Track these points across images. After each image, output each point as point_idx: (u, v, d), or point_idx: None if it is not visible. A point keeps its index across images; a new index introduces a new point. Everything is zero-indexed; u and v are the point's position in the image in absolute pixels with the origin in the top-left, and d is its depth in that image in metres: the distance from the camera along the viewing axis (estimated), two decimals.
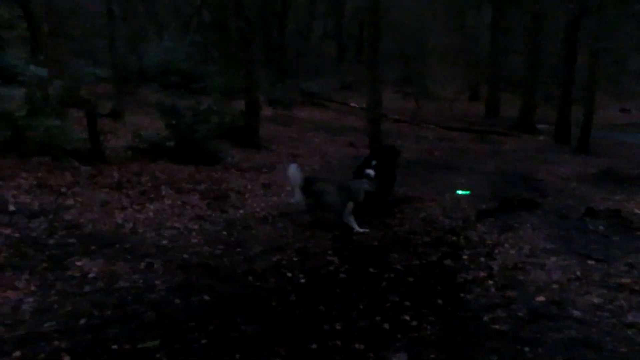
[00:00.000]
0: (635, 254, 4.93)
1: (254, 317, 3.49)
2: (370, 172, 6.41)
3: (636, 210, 6.35)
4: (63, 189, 5.79)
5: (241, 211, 6.11)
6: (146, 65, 15.21)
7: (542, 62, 18.86)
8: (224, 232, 5.30)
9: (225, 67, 16.44)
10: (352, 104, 18.95)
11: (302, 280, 4.23)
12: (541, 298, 4.00)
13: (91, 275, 3.96)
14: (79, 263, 4.14)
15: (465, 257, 5.01)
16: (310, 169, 9.07)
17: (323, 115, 17.53)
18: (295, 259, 4.73)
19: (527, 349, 3.23)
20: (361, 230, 5.65)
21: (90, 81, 11.86)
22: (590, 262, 4.73)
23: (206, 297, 3.71)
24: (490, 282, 4.38)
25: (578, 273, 4.48)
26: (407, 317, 3.65)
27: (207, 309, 3.56)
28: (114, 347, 2.99)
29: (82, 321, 3.26)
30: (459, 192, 7.80)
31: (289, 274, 4.33)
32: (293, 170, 5.86)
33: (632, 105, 24.25)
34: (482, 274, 4.56)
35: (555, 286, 4.22)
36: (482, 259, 4.92)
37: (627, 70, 25.51)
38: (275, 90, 16.66)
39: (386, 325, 3.51)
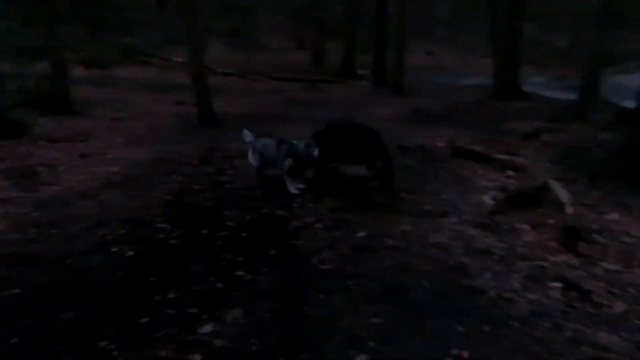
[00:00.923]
0: (436, 182, 5.65)
1: (76, 303, 3.24)
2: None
3: (438, 144, 7.23)
4: None
5: (55, 187, 5.53)
6: None
7: (361, 11, 19.85)
8: (35, 214, 4.75)
9: (25, 23, 14.23)
10: (177, 59, 17.98)
11: (130, 254, 4.02)
12: (362, 233, 4.39)
13: None
14: None
15: (295, 205, 5.23)
16: (137, 133, 8.53)
17: (146, 73, 16.42)
18: (121, 232, 4.45)
19: (350, 282, 3.54)
20: (296, 191, 5.52)
21: None
22: (402, 194, 5.30)
23: (16, 291, 3.34)
24: (319, 225, 4.66)
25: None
26: (241, 273, 3.73)
27: (18, 303, 3.21)
28: None
29: None
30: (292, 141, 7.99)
31: (115, 249, 4.08)
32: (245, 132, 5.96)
33: (436, 48, 27.01)
34: (311, 219, 4.82)
35: (374, 221, 4.66)
36: (311, 205, 5.19)
37: (433, 16, 28.26)
38: (89, 48, 15.00)
39: (220, 285, 3.54)
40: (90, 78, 13.48)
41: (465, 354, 2.70)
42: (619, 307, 3.13)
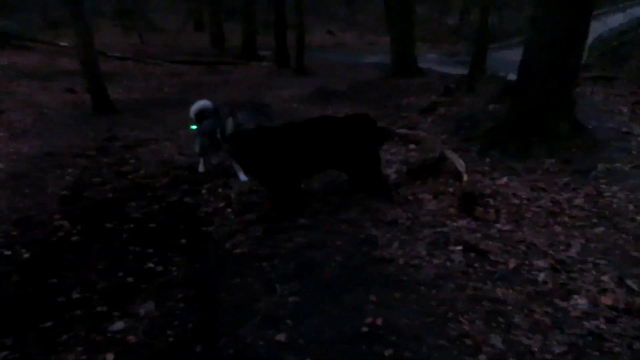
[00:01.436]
0: None
1: None
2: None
3: None
4: None
5: None
6: None
7: None
8: None
9: None
10: (63, 44, 16.59)
11: (26, 256, 3.73)
12: (274, 215, 4.41)
13: None
14: None
15: (204, 191, 5.12)
16: (23, 125, 7.80)
17: (28, 59, 14.95)
18: (14, 233, 4.11)
19: (264, 264, 3.56)
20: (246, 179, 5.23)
21: None
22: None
23: None
24: (229, 210, 4.62)
25: (302, 185, 5.05)
26: (152, 265, 3.61)
27: None
28: None
29: None
30: (194, 127, 7.77)
31: (8, 252, 3.77)
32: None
33: (336, 27, 27.33)
34: (221, 204, 4.75)
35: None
36: (220, 190, 5.11)
37: None
38: None
39: (130, 279, 3.41)
40: None
41: (379, 320, 2.84)
42: (512, 263, 3.44)
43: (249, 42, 18.25)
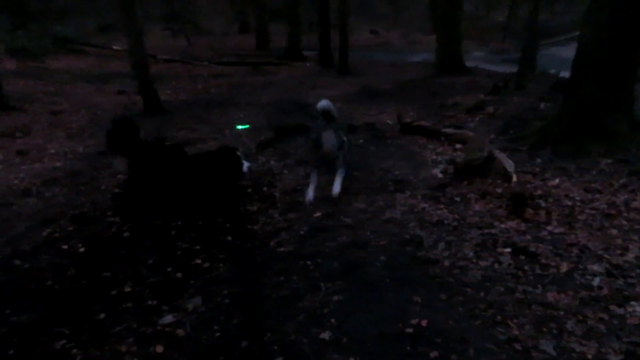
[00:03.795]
0: (387, 159, 5.75)
1: (27, 304, 3.13)
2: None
3: (387, 121, 7.33)
4: None
5: None
6: None
7: None
8: None
9: None
10: (115, 47, 17.27)
11: (81, 250, 3.90)
12: (318, 214, 4.42)
13: None
14: None
15: (250, 190, 5.19)
16: (79, 126, 8.17)
17: (83, 62, 15.68)
18: (70, 229, 4.31)
19: (309, 262, 3.57)
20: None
21: None
22: (355, 173, 5.36)
23: None
24: (274, 209, 4.66)
25: (346, 185, 5.04)
26: (199, 261, 3.70)
27: None
28: None
29: None
30: (239, 127, 7.92)
31: (65, 247, 3.95)
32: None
33: (380, 27, 27.18)
34: (266, 203, 4.81)
35: (328, 201, 4.69)
36: (265, 189, 5.17)
37: None
38: (18, 38, 14.16)
39: (179, 275, 3.50)
40: (23, 71, 12.75)
41: (424, 322, 2.79)
42: (564, 267, 3.30)
43: (294, 43, 18.40)
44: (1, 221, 4.43)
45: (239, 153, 4.69)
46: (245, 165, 4.75)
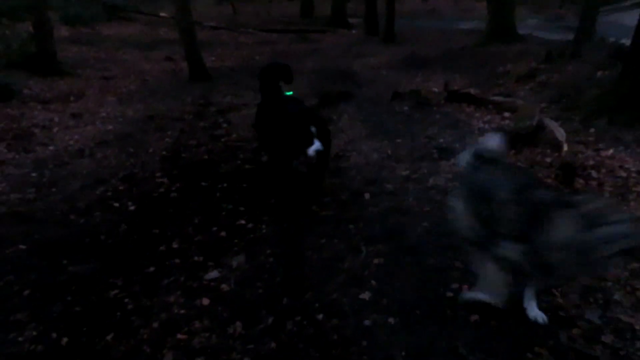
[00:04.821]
0: (432, 126, 5.64)
1: (82, 256, 3.30)
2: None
3: (434, 89, 7.17)
4: None
5: (51, 147, 5.51)
6: None
7: None
8: (33, 174, 4.76)
9: None
10: (163, 15, 17.50)
11: (132, 208, 4.06)
12: (360, 180, 4.42)
13: None
14: None
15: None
16: (128, 91, 8.40)
17: (132, 29, 15.99)
18: (121, 188, 4.48)
19: (351, 226, 3.59)
20: None
21: None
22: (398, 140, 5.30)
23: (22, 247, 3.39)
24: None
25: (389, 152, 5.01)
26: (243, 222, 3.78)
27: (24, 258, 3.27)
28: None
29: None
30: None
31: (116, 204, 4.12)
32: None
33: None
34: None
35: (371, 167, 4.68)
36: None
37: None
38: (71, 6, 14.59)
39: (223, 234, 3.60)
40: (75, 37, 13.14)
41: (465, 287, 2.78)
42: None
43: (339, 10, 18.13)
44: (58, 180, 4.65)
45: (312, 129, 3.73)
46: (313, 147, 3.69)
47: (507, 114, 5.88)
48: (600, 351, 2.26)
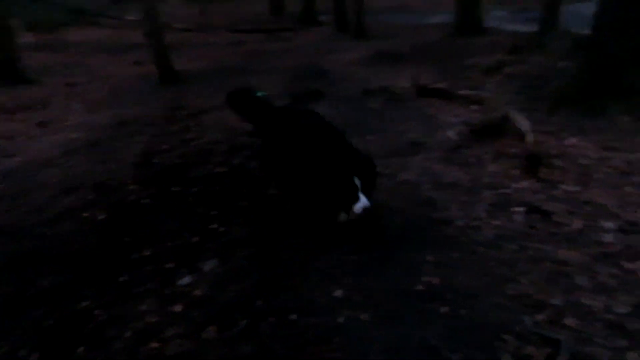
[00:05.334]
0: (403, 122, 5.71)
1: (51, 268, 3.26)
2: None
3: (403, 85, 7.22)
4: None
5: (17, 159, 5.41)
6: None
7: None
8: (0, 186, 4.67)
9: None
10: (130, 18, 17.22)
11: (102, 217, 4.02)
12: None
13: None
14: None
15: None
16: (96, 97, 8.27)
17: (99, 34, 15.71)
18: (91, 197, 4.43)
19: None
20: None
21: None
22: (369, 137, 5.35)
23: None
24: None
25: (361, 148, 5.04)
26: (215, 225, 3.76)
27: None
28: None
29: None
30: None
31: (86, 214, 4.07)
32: None
33: None
34: None
35: None
36: None
37: None
38: (33, 12, 14.27)
39: (195, 239, 3.59)
40: (40, 44, 12.89)
41: (436, 280, 2.84)
42: (576, 224, 3.30)
43: (308, 8, 18.11)
44: (25, 190, 4.57)
45: (356, 182, 3.15)
46: (360, 205, 3.12)
47: (475, 107, 5.99)
48: (564, 334, 2.34)
